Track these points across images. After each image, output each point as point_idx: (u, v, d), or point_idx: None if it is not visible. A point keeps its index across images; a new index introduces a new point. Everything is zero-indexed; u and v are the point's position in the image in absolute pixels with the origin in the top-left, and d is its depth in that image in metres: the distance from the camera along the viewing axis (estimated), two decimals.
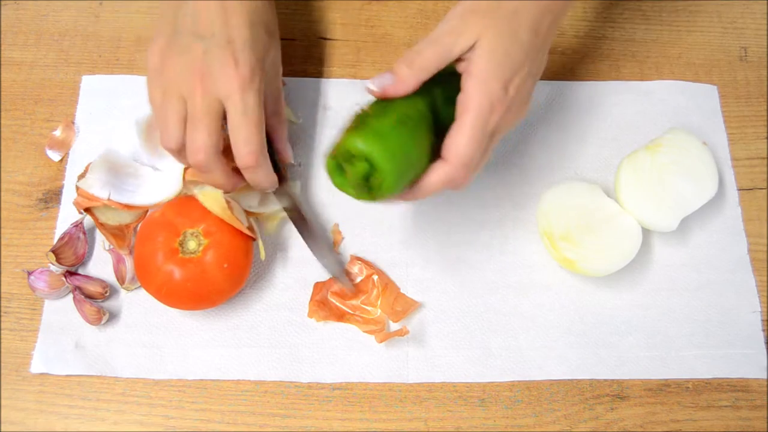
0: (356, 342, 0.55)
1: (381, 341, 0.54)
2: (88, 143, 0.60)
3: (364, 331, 0.55)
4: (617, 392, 0.55)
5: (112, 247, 0.56)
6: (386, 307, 0.55)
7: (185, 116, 0.47)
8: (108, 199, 0.54)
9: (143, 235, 0.52)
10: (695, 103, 0.65)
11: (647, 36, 0.68)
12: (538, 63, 0.48)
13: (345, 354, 0.55)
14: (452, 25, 0.45)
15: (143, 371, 0.53)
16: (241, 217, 0.53)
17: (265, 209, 0.57)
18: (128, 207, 0.55)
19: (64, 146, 0.60)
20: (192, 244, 0.51)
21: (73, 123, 0.61)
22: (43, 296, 0.55)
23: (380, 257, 0.58)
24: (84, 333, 0.54)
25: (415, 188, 0.46)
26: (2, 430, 0.52)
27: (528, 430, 0.53)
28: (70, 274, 0.55)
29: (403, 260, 0.58)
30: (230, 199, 0.53)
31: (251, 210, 0.56)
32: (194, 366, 0.54)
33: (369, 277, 0.56)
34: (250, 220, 0.55)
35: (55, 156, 0.60)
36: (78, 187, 0.55)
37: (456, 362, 0.55)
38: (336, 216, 0.59)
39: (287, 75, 0.63)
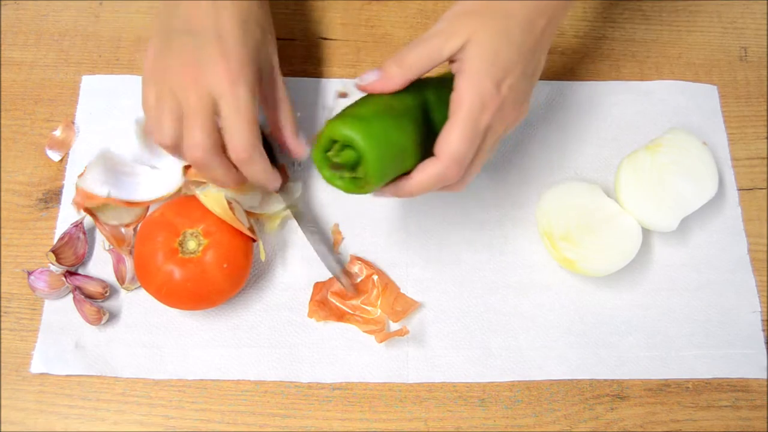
0: (356, 342, 0.55)
1: (381, 341, 0.54)
2: (88, 143, 0.60)
3: (364, 331, 0.55)
4: (617, 392, 0.55)
5: (112, 247, 0.56)
6: (386, 307, 0.55)
7: (180, 115, 0.47)
8: (108, 197, 0.54)
9: (143, 235, 0.52)
10: (695, 103, 0.65)
11: (647, 36, 0.68)
12: (535, 63, 0.47)
13: (345, 354, 0.55)
14: (443, 26, 0.45)
15: (143, 371, 0.53)
16: (242, 218, 0.53)
17: (266, 210, 0.57)
18: (128, 204, 0.55)
19: (64, 146, 0.60)
20: (192, 244, 0.51)
21: (73, 123, 0.61)
22: (43, 296, 0.55)
23: (380, 257, 0.58)
24: (84, 333, 0.54)
25: (406, 183, 0.46)
26: (2, 430, 0.52)
27: (528, 430, 0.53)
28: (70, 274, 0.55)
29: (403, 260, 0.58)
30: (231, 199, 0.53)
31: (252, 211, 0.56)
32: (194, 366, 0.54)
33: (369, 277, 0.56)
34: (251, 221, 0.55)
35: (55, 156, 0.60)
36: (77, 185, 0.55)
37: (456, 362, 0.55)
38: (336, 216, 0.59)
39: (287, 75, 0.63)
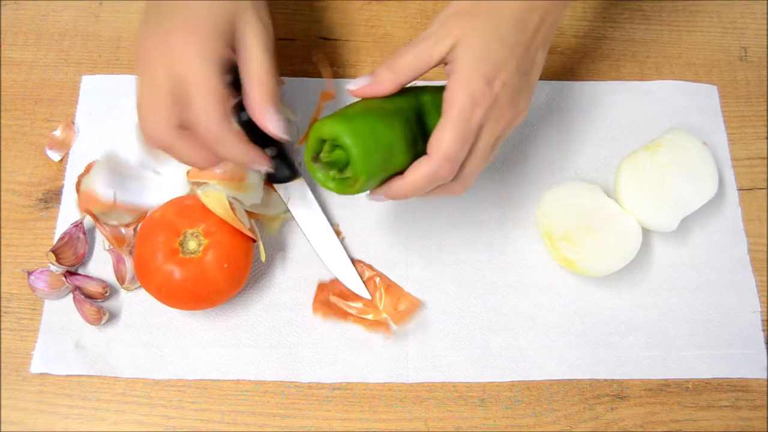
0: (356, 342, 0.55)
1: (389, 336, 0.54)
2: (88, 143, 0.60)
3: (369, 331, 0.55)
4: (617, 392, 0.55)
5: (112, 247, 0.56)
6: (389, 309, 0.55)
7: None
8: (113, 201, 0.55)
9: (143, 235, 0.52)
10: (695, 103, 0.65)
11: (647, 36, 0.68)
12: (530, 61, 0.47)
13: (345, 354, 0.55)
14: (433, 29, 0.45)
15: (143, 371, 0.53)
16: (243, 218, 0.53)
17: (267, 210, 0.57)
18: (134, 211, 0.55)
19: (64, 146, 0.60)
20: (192, 244, 0.51)
21: (73, 123, 0.61)
22: (43, 296, 0.55)
23: (380, 257, 0.58)
24: (84, 333, 0.54)
25: (399, 183, 0.45)
26: (2, 430, 0.52)
27: (528, 430, 0.53)
28: (70, 274, 0.55)
29: (403, 260, 0.58)
30: (232, 199, 0.53)
31: (253, 211, 0.56)
32: (194, 366, 0.54)
33: (371, 278, 0.56)
34: (251, 221, 0.55)
35: (55, 156, 0.60)
36: (82, 189, 0.55)
37: (456, 362, 0.55)
38: (336, 216, 0.59)
39: (287, 75, 0.63)
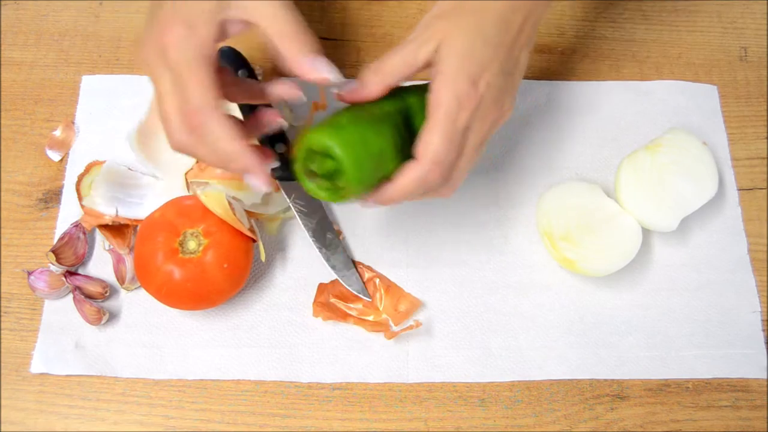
0: (356, 342, 0.55)
1: (390, 338, 0.54)
2: (88, 143, 0.60)
3: (369, 331, 0.55)
4: (617, 392, 0.55)
5: (112, 247, 0.56)
6: (389, 309, 0.55)
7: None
8: (116, 215, 0.55)
9: (143, 235, 0.52)
10: (695, 103, 0.65)
11: (647, 36, 0.68)
12: (513, 61, 0.46)
13: (345, 354, 0.55)
14: (418, 32, 0.45)
15: (143, 371, 0.53)
16: (242, 218, 0.53)
17: (267, 210, 0.57)
18: (136, 221, 0.55)
19: (64, 146, 0.60)
20: (192, 244, 0.51)
21: (73, 123, 0.61)
22: (43, 296, 0.55)
23: (380, 257, 0.58)
24: (84, 333, 0.54)
25: (388, 189, 0.45)
26: (2, 430, 0.52)
27: (528, 430, 0.53)
28: (70, 274, 0.55)
29: (403, 260, 0.58)
30: (232, 200, 0.53)
31: (254, 210, 0.56)
32: (194, 366, 0.54)
33: (371, 280, 0.56)
34: (251, 221, 0.55)
35: (55, 156, 0.60)
36: (84, 206, 0.56)
37: (456, 362, 0.55)
38: (336, 216, 0.59)
39: (287, 75, 0.63)
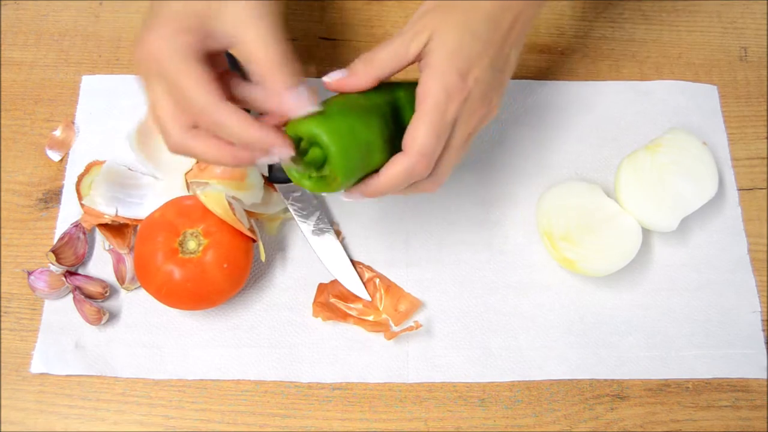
0: (356, 342, 0.55)
1: (390, 339, 0.54)
2: (88, 143, 0.60)
3: (369, 331, 0.55)
4: (617, 392, 0.55)
5: (112, 247, 0.56)
6: (389, 310, 0.55)
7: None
8: (116, 215, 0.55)
9: (143, 235, 0.52)
10: (695, 103, 0.65)
11: (647, 36, 0.68)
12: (503, 59, 0.47)
13: (345, 354, 0.55)
14: (410, 26, 0.45)
15: (143, 371, 0.53)
16: (242, 219, 0.53)
17: (267, 210, 0.57)
18: (136, 221, 0.55)
19: (64, 146, 0.60)
20: (192, 244, 0.51)
21: (73, 123, 0.61)
22: (43, 296, 0.55)
23: (380, 257, 0.58)
24: (84, 333, 0.54)
25: (374, 180, 0.45)
26: (2, 430, 0.52)
27: (528, 430, 0.53)
28: (70, 274, 0.55)
29: (403, 260, 0.58)
30: (232, 200, 0.53)
31: (254, 210, 0.56)
32: (194, 366, 0.54)
33: (371, 280, 0.56)
34: (251, 221, 0.55)
35: (55, 156, 0.60)
36: (84, 205, 0.56)
37: (456, 362, 0.55)
38: (336, 216, 0.59)
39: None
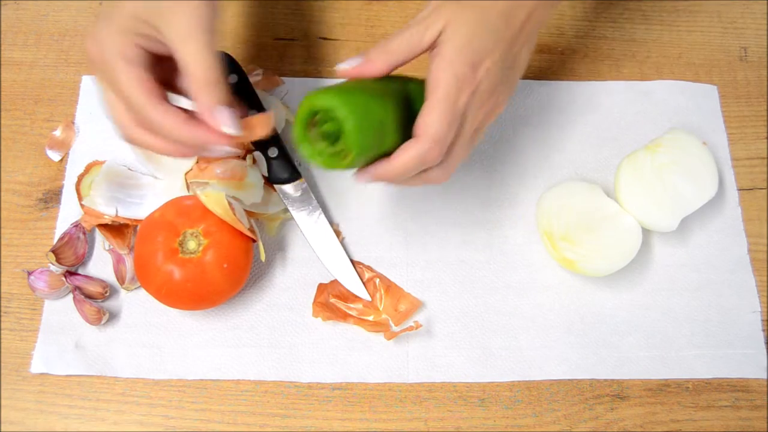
0: (356, 342, 0.55)
1: (390, 339, 0.54)
2: (88, 143, 0.60)
3: (369, 331, 0.55)
4: (617, 392, 0.55)
5: (112, 247, 0.56)
6: (389, 310, 0.55)
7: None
8: (116, 215, 0.55)
9: (143, 235, 0.52)
10: (695, 103, 0.65)
11: (647, 36, 0.68)
12: (514, 56, 0.47)
13: (345, 354, 0.55)
14: (424, 15, 0.46)
15: (143, 371, 0.53)
16: (242, 219, 0.53)
17: (267, 210, 0.57)
18: (135, 221, 0.55)
19: (64, 146, 0.60)
20: (192, 244, 0.51)
21: (73, 123, 0.61)
22: (43, 296, 0.55)
23: (380, 257, 0.58)
24: (84, 333, 0.54)
25: (387, 164, 0.45)
26: (2, 430, 0.52)
27: (528, 430, 0.53)
28: (70, 274, 0.55)
29: (403, 260, 0.58)
30: (232, 200, 0.53)
31: (253, 210, 0.56)
32: (194, 366, 0.54)
33: (371, 280, 0.56)
34: (251, 221, 0.55)
35: (55, 156, 0.60)
36: (84, 206, 0.56)
37: (456, 362, 0.55)
38: (336, 216, 0.59)
39: (287, 75, 0.63)
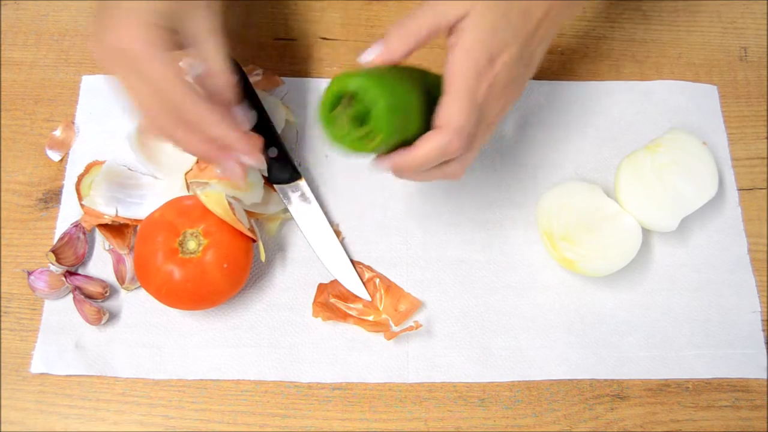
0: (356, 342, 0.55)
1: (390, 339, 0.54)
2: (88, 143, 0.60)
3: (369, 331, 0.55)
4: (617, 392, 0.55)
5: (112, 247, 0.56)
6: (389, 310, 0.55)
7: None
8: (116, 215, 0.55)
9: (143, 235, 0.52)
10: (695, 103, 0.65)
11: (647, 36, 0.68)
12: (530, 52, 0.47)
13: (345, 354, 0.55)
14: None
15: (143, 371, 0.53)
16: (243, 219, 0.53)
17: (267, 210, 0.57)
18: (135, 221, 0.55)
19: (64, 146, 0.60)
20: (192, 244, 0.51)
21: (73, 123, 0.61)
22: (43, 296, 0.55)
23: (380, 257, 0.58)
24: (84, 333, 0.54)
25: (408, 154, 0.45)
26: (2, 430, 0.52)
27: (528, 430, 0.53)
28: (70, 274, 0.55)
29: (403, 260, 0.58)
30: (232, 200, 0.53)
31: (253, 210, 0.56)
32: (194, 366, 0.54)
33: (371, 280, 0.56)
34: (251, 221, 0.55)
35: (55, 156, 0.60)
36: (84, 205, 0.56)
37: (456, 362, 0.55)
38: (336, 216, 0.59)
39: (287, 75, 0.63)
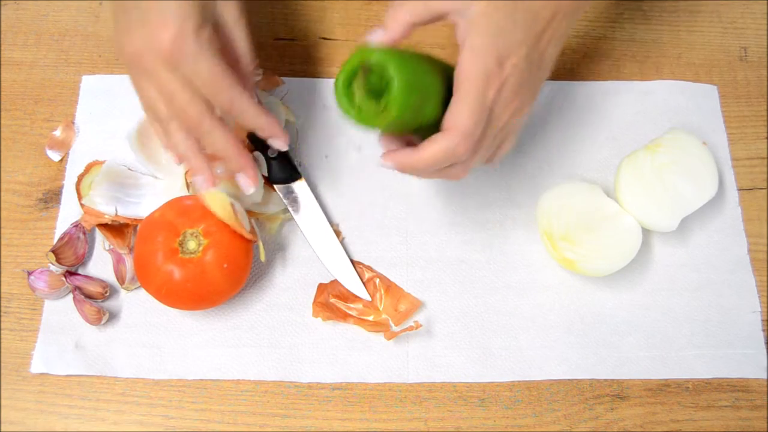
0: (356, 342, 0.55)
1: (389, 339, 0.54)
2: (88, 143, 0.60)
3: (369, 331, 0.55)
4: (617, 392, 0.55)
5: (112, 247, 0.56)
6: (389, 309, 0.55)
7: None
8: (115, 215, 0.55)
9: (143, 235, 0.52)
10: (695, 103, 0.65)
11: (647, 36, 0.68)
12: (540, 53, 0.46)
13: (345, 354, 0.55)
14: None
15: (143, 371, 0.53)
16: (243, 220, 0.53)
17: (267, 210, 0.57)
18: (137, 221, 0.55)
19: (64, 146, 0.60)
20: (192, 244, 0.51)
21: (73, 123, 0.61)
22: (43, 296, 0.55)
23: (380, 257, 0.58)
24: (84, 333, 0.54)
25: (415, 154, 0.45)
26: (2, 430, 0.52)
27: (528, 430, 0.53)
28: (70, 274, 0.55)
29: (403, 260, 0.58)
30: (233, 201, 0.53)
31: (254, 210, 0.56)
32: (194, 366, 0.54)
33: (371, 280, 0.56)
34: (252, 221, 0.55)
35: (55, 156, 0.60)
36: (84, 205, 0.56)
37: (456, 362, 0.55)
38: (336, 216, 0.59)
39: (287, 75, 0.63)
